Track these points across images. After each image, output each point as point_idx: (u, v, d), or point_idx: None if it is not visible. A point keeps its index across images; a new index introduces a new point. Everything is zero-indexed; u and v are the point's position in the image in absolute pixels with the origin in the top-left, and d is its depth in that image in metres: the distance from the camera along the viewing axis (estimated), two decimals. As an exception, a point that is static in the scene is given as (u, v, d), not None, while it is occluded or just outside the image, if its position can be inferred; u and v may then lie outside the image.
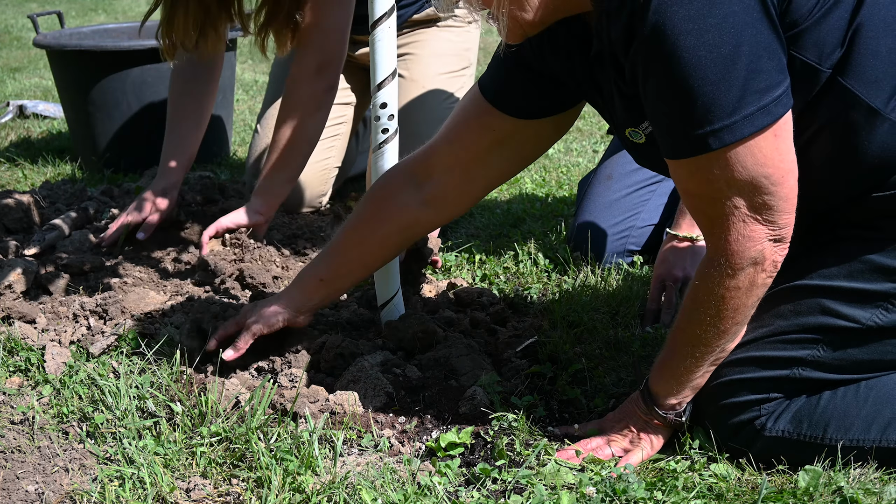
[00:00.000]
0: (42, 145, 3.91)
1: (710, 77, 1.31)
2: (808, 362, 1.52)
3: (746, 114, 1.33)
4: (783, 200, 1.40)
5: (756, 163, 1.36)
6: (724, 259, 1.43)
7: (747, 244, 1.41)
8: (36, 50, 5.61)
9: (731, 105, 1.32)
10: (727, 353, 1.54)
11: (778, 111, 1.35)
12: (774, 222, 1.41)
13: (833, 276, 1.51)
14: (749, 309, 1.48)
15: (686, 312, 1.52)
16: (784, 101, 1.36)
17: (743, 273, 1.43)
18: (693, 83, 1.32)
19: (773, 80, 1.34)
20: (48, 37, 3.54)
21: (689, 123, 1.36)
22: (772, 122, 1.35)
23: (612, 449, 1.60)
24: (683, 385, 1.57)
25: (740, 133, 1.34)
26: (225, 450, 1.58)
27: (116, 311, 2.06)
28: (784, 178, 1.39)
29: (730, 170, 1.37)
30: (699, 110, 1.33)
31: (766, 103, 1.34)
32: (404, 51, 2.83)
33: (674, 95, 1.36)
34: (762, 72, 1.33)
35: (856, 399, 1.52)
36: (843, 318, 1.50)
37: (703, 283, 1.48)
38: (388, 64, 1.78)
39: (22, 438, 1.63)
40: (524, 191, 3.23)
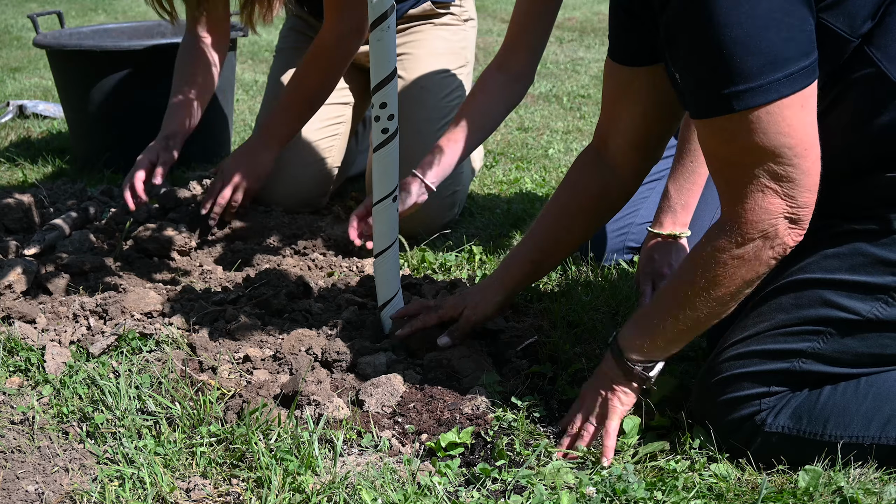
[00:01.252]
0: (42, 145, 3.90)
1: (740, 38, 1.31)
2: (808, 354, 1.52)
3: (773, 79, 1.33)
4: (805, 175, 1.38)
5: (779, 131, 1.35)
6: (736, 226, 1.42)
7: (762, 215, 1.40)
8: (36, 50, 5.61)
9: (759, 69, 1.32)
10: (703, 327, 1.53)
11: (805, 81, 1.35)
12: (794, 198, 1.39)
13: (835, 270, 1.51)
14: (744, 286, 1.46)
15: (682, 271, 1.52)
16: (811, 71, 1.36)
17: (751, 244, 1.42)
18: (723, 42, 1.32)
19: (803, 49, 1.35)
20: (48, 37, 3.54)
21: (715, 82, 1.36)
22: (797, 90, 1.35)
23: (591, 421, 1.62)
24: (654, 342, 1.56)
25: (765, 97, 1.34)
26: (225, 450, 1.58)
27: (116, 311, 2.06)
28: (807, 151, 1.38)
29: (752, 134, 1.36)
30: (726, 70, 1.34)
31: (793, 71, 1.34)
32: (401, 50, 2.83)
33: (703, 53, 1.36)
34: (792, 40, 1.33)
35: (856, 395, 1.52)
36: (844, 311, 1.50)
37: (708, 245, 1.47)
38: (387, 64, 1.78)
39: (22, 438, 1.63)
40: (524, 190, 3.23)
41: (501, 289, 1.92)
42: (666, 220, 2.14)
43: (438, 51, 2.83)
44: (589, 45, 6.79)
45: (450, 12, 2.89)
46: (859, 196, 1.52)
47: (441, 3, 2.86)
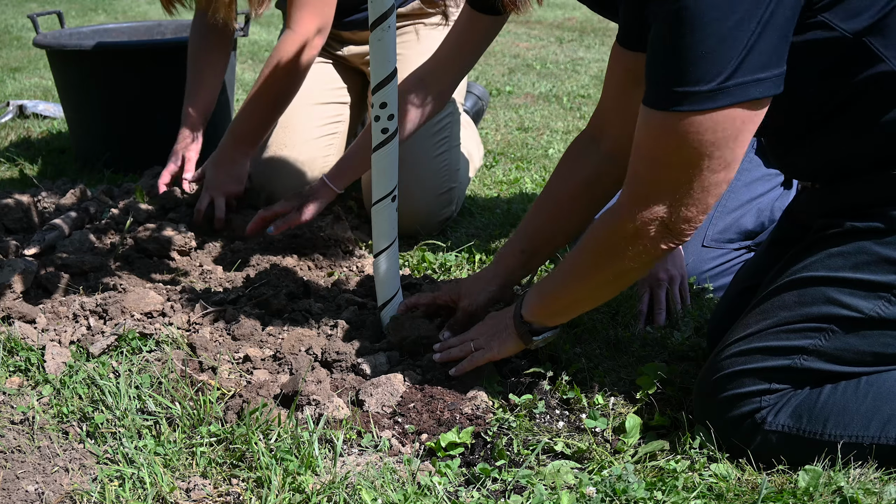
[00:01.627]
0: (42, 145, 3.90)
1: (717, 32, 1.30)
2: (809, 351, 1.52)
3: (725, 87, 1.32)
4: (703, 191, 1.39)
5: (713, 140, 1.35)
6: (619, 211, 1.48)
7: (642, 211, 1.43)
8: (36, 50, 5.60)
9: (719, 73, 1.31)
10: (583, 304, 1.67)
11: (756, 92, 1.34)
12: (678, 208, 1.40)
13: (839, 268, 1.52)
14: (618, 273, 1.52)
15: (578, 246, 1.60)
16: (774, 84, 1.35)
17: (620, 233, 1.47)
18: (696, 33, 1.31)
19: (774, 60, 1.34)
20: (48, 37, 3.54)
21: (667, 77, 1.36)
22: (745, 100, 1.34)
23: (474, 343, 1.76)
24: (545, 304, 1.67)
25: (720, 101, 1.33)
26: (225, 450, 1.58)
27: (116, 311, 2.06)
28: (722, 167, 1.38)
29: (687, 136, 1.35)
30: (691, 64, 1.32)
31: (749, 81, 1.33)
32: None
33: (666, 47, 1.35)
34: (768, 49, 1.32)
35: (856, 394, 1.52)
36: (847, 308, 1.50)
37: (597, 226, 1.55)
38: (388, 64, 1.78)
39: (22, 438, 1.63)
40: (524, 191, 3.23)
41: (495, 278, 1.94)
42: None
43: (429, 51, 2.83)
44: (589, 45, 6.79)
45: (442, 12, 2.88)
46: (864, 194, 1.52)
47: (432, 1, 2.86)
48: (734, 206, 2.35)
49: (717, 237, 2.33)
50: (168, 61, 3.37)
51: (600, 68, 5.80)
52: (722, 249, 2.33)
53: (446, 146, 2.75)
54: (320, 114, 2.87)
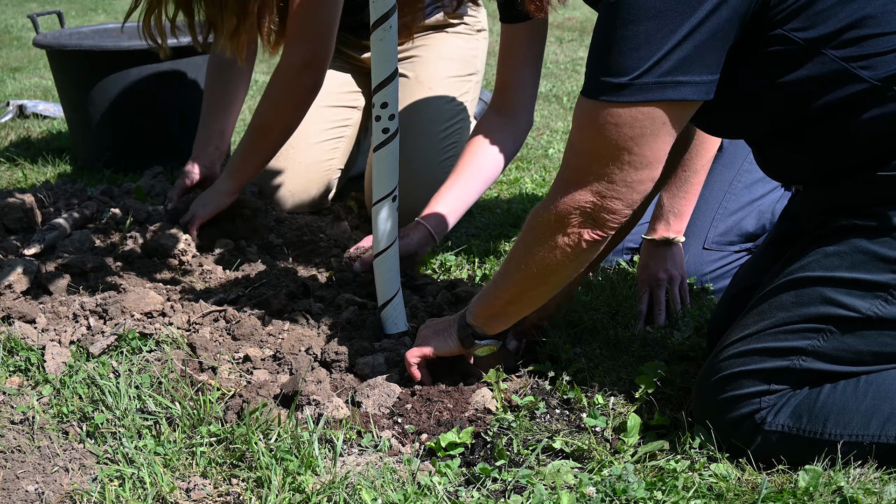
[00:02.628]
0: (42, 145, 3.90)
1: (647, 30, 1.33)
2: (808, 352, 1.52)
3: (647, 83, 1.34)
4: (626, 186, 1.42)
5: (631, 135, 1.38)
6: (550, 200, 1.48)
7: (568, 200, 1.45)
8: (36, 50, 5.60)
9: (643, 67, 1.34)
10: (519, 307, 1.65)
11: (683, 95, 1.36)
12: (603, 199, 1.43)
13: (835, 267, 1.52)
14: (544, 267, 1.52)
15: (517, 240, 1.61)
16: (696, 90, 1.37)
17: (548, 221, 1.47)
18: (629, 27, 1.34)
19: (701, 67, 1.36)
20: (48, 36, 3.54)
21: (598, 65, 1.39)
22: (671, 100, 1.36)
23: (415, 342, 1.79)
24: (486, 307, 1.67)
25: (631, 97, 1.36)
26: (225, 450, 1.58)
27: (116, 311, 2.06)
28: (645, 167, 1.40)
29: (607, 126, 1.38)
30: (618, 57, 1.35)
31: (676, 81, 1.35)
32: (412, 53, 2.83)
33: (601, 35, 1.39)
34: (695, 54, 1.34)
35: (855, 393, 1.52)
36: (844, 308, 1.50)
37: (531, 212, 1.55)
38: (388, 64, 1.78)
39: (22, 438, 1.63)
40: (524, 191, 3.23)
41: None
42: (659, 227, 2.15)
43: (449, 55, 2.84)
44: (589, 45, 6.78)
45: (463, 22, 2.89)
46: (856, 195, 1.52)
47: (454, 13, 2.86)
48: (735, 209, 2.35)
49: (717, 239, 2.33)
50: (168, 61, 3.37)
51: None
52: (723, 252, 2.33)
53: (453, 151, 2.75)
54: (327, 117, 2.87)
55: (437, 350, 1.77)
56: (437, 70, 2.79)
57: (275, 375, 1.84)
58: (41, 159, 3.60)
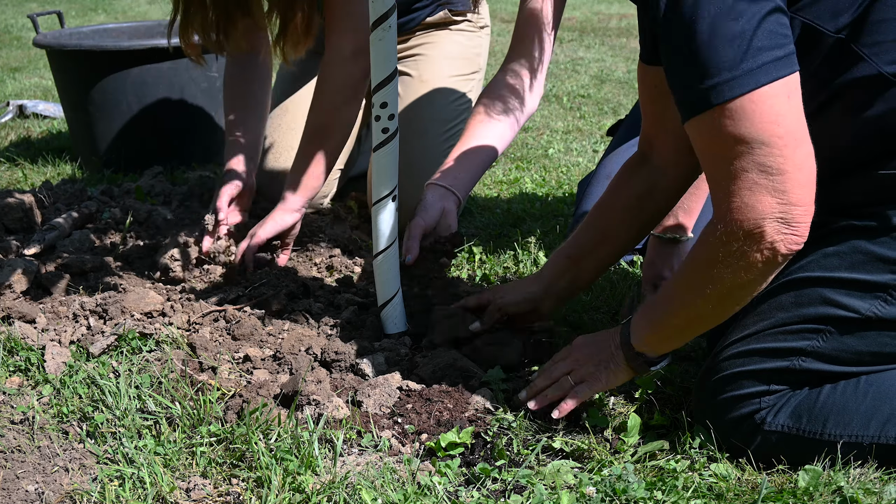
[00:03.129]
0: (42, 145, 3.90)
1: (710, 32, 1.32)
2: (808, 353, 1.52)
3: (748, 69, 1.32)
4: (797, 169, 1.33)
5: (764, 119, 1.33)
6: (722, 225, 1.38)
7: (748, 213, 1.34)
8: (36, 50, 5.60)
9: (732, 60, 1.32)
10: (704, 325, 1.53)
11: (782, 71, 1.34)
12: (785, 193, 1.33)
13: (834, 268, 1.52)
14: (736, 288, 1.42)
15: (681, 266, 1.52)
16: (788, 61, 1.35)
17: (734, 245, 1.36)
18: (695, 37, 1.33)
19: (778, 41, 1.34)
20: (48, 36, 3.54)
21: (692, 79, 1.36)
22: (776, 78, 1.33)
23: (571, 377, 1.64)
24: (657, 334, 1.57)
25: (742, 87, 1.33)
26: (225, 450, 1.58)
27: (116, 311, 2.06)
28: (798, 142, 1.34)
29: (737, 125, 1.33)
30: (701, 65, 1.34)
31: (768, 61, 1.34)
32: (415, 51, 2.83)
33: (679, 51, 1.37)
34: (764, 31, 1.33)
35: (855, 394, 1.52)
36: (844, 308, 1.50)
37: (698, 244, 1.46)
38: (388, 64, 1.78)
39: (22, 438, 1.63)
40: (524, 190, 3.23)
41: (537, 280, 1.93)
42: (668, 222, 2.15)
43: (452, 54, 2.83)
44: (589, 45, 6.79)
45: (466, 19, 2.88)
46: (856, 194, 1.52)
47: (458, 10, 2.86)
48: None
49: None
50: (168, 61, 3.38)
51: (600, 68, 5.81)
52: None
53: None
54: None
55: (610, 384, 1.64)
56: (440, 69, 2.79)
57: (275, 375, 1.84)
58: (41, 159, 3.60)
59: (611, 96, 4.95)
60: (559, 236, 2.69)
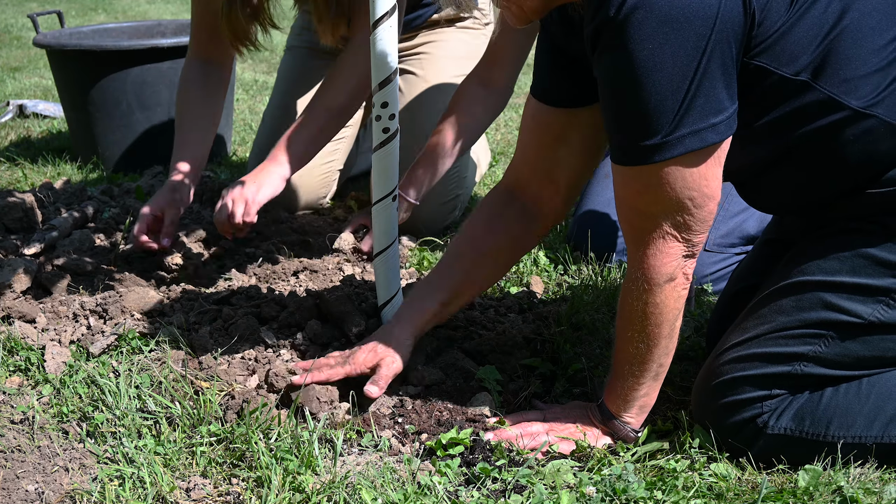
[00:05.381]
0: (42, 145, 3.90)
1: (655, 94, 1.35)
2: (809, 358, 1.52)
3: (688, 132, 1.37)
4: (702, 222, 1.45)
5: (686, 185, 1.41)
6: (641, 273, 1.48)
7: (664, 259, 1.46)
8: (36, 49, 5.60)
9: (676, 121, 1.36)
10: (665, 367, 1.58)
11: (719, 135, 1.39)
12: (690, 240, 1.46)
13: (835, 272, 1.51)
14: (673, 321, 1.52)
15: (618, 331, 1.58)
16: (726, 126, 1.39)
17: (659, 289, 1.48)
18: (640, 97, 1.36)
19: (721, 105, 1.38)
20: (48, 36, 3.54)
21: (632, 133, 1.40)
22: (711, 143, 1.39)
23: (548, 438, 1.61)
24: (630, 403, 1.60)
25: (679, 150, 1.38)
26: (225, 449, 1.58)
27: (116, 310, 2.06)
28: (707, 201, 1.44)
29: (662, 186, 1.41)
30: (645, 120, 1.37)
31: (709, 125, 1.37)
32: (420, 49, 2.82)
33: (622, 104, 1.39)
34: (712, 96, 1.36)
35: (858, 396, 1.52)
36: (845, 313, 1.50)
37: (624, 300, 1.53)
38: (389, 63, 1.78)
39: (22, 438, 1.63)
40: (524, 191, 3.22)
41: (412, 333, 1.79)
42: None
43: (457, 53, 2.82)
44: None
45: (472, 16, 2.88)
46: (854, 207, 1.52)
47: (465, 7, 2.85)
48: (736, 211, 2.35)
49: (719, 241, 2.33)
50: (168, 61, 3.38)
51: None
52: (724, 254, 2.33)
53: None
54: None
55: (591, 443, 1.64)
56: (444, 68, 2.78)
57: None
58: (41, 159, 3.60)
59: (611, 96, 4.94)
60: (559, 236, 2.69)
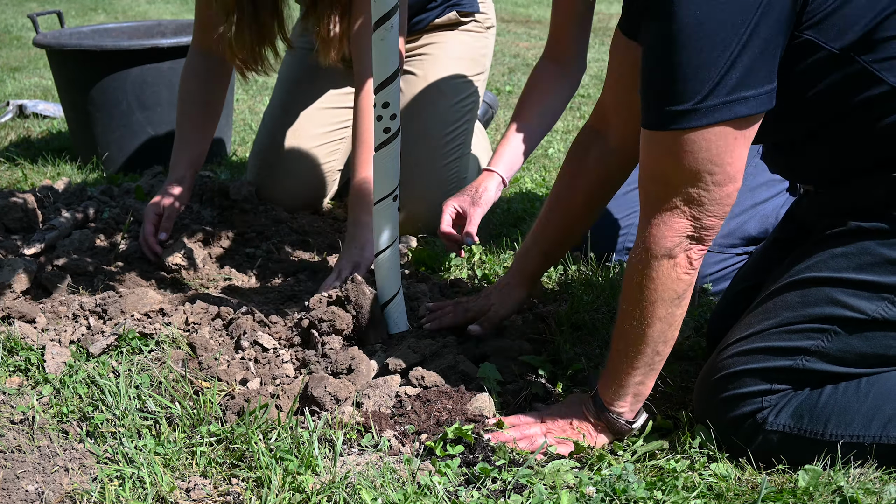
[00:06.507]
0: (42, 145, 3.90)
1: (692, 59, 1.33)
2: (812, 352, 1.52)
3: (720, 102, 1.34)
4: (716, 203, 1.42)
5: (709, 157, 1.38)
6: (643, 243, 1.46)
7: (666, 232, 1.44)
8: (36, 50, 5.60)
9: (710, 89, 1.34)
10: (662, 358, 1.55)
11: (751, 109, 1.36)
12: (699, 221, 1.43)
13: (842, 268, 1.52)
14: (669, 303, 1.48)
15: (619, 310, 1.56)
16: (760, 102, 1.37)
17: (657, 262, 1.45)
18: (676, 60, 1.34)
19: (758, 79, 1.36)
20: (48, 36, 3.54)
21: (661, 96, 1.38)
22: (741, 116, 1.36)
23: (547, 440, 1.60)
24: (624, 389, 1.58)
25: (708, 119, 1.35)
26: (225, 449, 1.58)
27: (116, 311, 2.06)
28: (728, 181, 1.41)
29: (683, 155, 1.39)
30: (673, 87, 1.35)
31: (742, 97, 1.35)
32: (422, 51, 2.82)
33: (657, 65, 1.37)
34: (751, 69, 1.34)
35: (857, 394, 1.52)
36: (850, 309, 1.50)
37: (626, 273, 1.52)
38: (390, 64, 1.78)
39: (22, 438, 1.63)
40: (524, 190, 3.23)
41: (522, 285, 2.00)
42: None
43: (458, 55, 2.82)
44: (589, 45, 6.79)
45: (474, 19, 2.88)
46: (866, 197, 1.52)
47: (466, 11, 2.86)
48: (737, 212, 2.35)
49: (719, 242, 2.33)
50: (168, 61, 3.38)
51: (600, 68, 5.80)
52: (724, 254, 2.33)
53: (458, 153, 2.75)
54: (327, 118, 2.86)
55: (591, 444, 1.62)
56: (445, 70, 2.78)
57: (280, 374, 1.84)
58: (41, 159, 3.60)
59: (611, 96, 4.95)
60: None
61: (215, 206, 2.77)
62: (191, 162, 2.55)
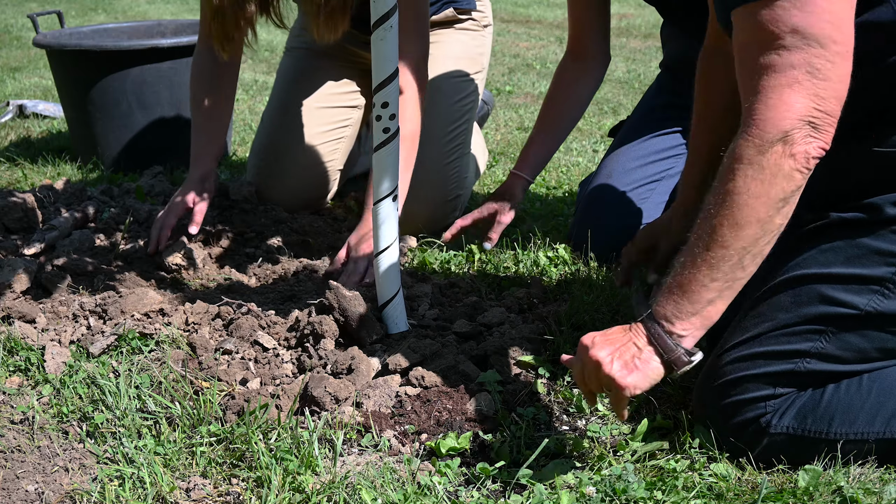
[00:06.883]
0: (42, 145, 3.90)
1: None
2: (812, 354, 1.52)
3: None
4: (839, 80, 1.26)
5: (826, 18, 1.24)
6: (753, 125, 1.27)
7: (784, 112, 1.25)
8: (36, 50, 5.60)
9: None
10: (745, 274, 1.33)
11: None
12: (823, 100, 1.26)
13: (830, 263, 1.51)
14: (772, 208, 1.28)
15: (706, 203, 1.34)
16: None
17: (768, 147, 1.26)
18: None
19: None
20: (48, 36, 3.54)
21: None
22: None
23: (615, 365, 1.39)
24: (694, 305, 1.35)
25: None
26: (225, 449, 1.58)
27: (116, 311, 2.06)
28: (847, 53, 1.26)
29: (799, 14, 1.24)
30: None
31: None
32: None
33: None
34: None
35: (859, 391, 1.52)
36: (842, 305, 1.49)
37: (727, 159, 1.31)
38: (389, 63, 1.78)
39: (22, 438, 1.63)
40: (524, 190, 3.22)
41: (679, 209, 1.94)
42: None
43: (456, 54, 2.82)
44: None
45: (471, 18, 2.88)
46: (849, 176, 1.51)
47: (463, 9, 2.85)
48: None
49: None
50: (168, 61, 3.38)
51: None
52: None
53: (459, 153, 2.75)
54: (327, 117, 2.86)
55: (642, 389, 1.41)
56: (444, 69, 2.78)
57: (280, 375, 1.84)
58: (41, 159, 3.60)
59: (610, 96, 4.95)
60: (559, 236, 2.69)
61: (215, 206, 2.77)
62: (214, 155, 2.57)
